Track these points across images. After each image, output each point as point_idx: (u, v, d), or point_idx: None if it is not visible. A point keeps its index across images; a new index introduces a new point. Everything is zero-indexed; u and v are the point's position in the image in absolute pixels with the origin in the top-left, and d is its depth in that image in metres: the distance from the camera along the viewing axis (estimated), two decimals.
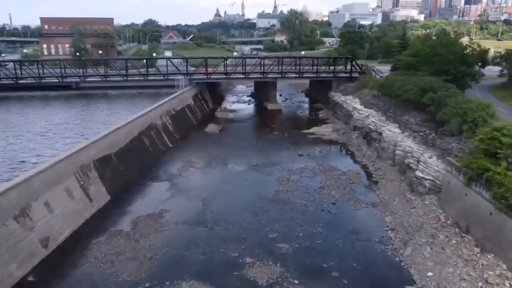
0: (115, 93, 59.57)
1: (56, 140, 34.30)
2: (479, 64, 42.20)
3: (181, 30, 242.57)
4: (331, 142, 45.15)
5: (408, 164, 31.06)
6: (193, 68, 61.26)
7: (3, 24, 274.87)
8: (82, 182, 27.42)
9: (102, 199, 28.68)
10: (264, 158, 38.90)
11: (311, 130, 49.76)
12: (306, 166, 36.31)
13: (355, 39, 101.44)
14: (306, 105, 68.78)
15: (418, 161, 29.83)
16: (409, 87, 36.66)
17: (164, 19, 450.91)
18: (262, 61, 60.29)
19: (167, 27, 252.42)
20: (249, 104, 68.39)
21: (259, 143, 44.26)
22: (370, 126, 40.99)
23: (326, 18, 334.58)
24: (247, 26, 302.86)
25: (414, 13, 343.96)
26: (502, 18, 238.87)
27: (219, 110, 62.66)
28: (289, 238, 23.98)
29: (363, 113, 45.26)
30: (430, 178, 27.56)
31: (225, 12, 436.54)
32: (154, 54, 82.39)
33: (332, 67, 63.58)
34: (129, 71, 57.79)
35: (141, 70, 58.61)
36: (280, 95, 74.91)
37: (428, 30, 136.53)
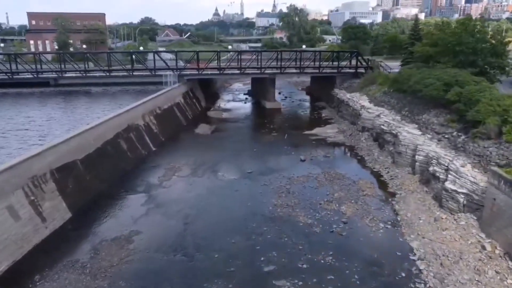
0: (98, 90, 54.06)
1: (11, 145, 28.82)
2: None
3: (178, 29, 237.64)
4: (337, 145, 39.76)
5: (434, 173, 25.67)
6: (184, 64, 55.92)
7: (0, 23, 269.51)
8: (32, 198, 22.00)
9: (59, 218, 23.25)
10: (261, 164, 33.54)
11: (313, 131, 44.38)
12: (309, 174, 30.96)
13: (358, 35, 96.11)
14: (307, 104, 63.43)
15: (446, 170, 24.45)
16: (430, 82, 31.35)
17: (164, 19, 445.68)
18: (260, 56, 54.91)
19: (166, 26, 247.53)
20: (245, 102, 63.01)
21: (255, 146, 38.86)
22: (382, 126, 35.60)
23: (325, 17, 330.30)
24: (246, 25, 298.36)
25: (414, 12, 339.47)
26: (504, 16, 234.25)
27: (212, 109, 57.21)
28: (290, 272, 18.60)
29: (373, 112, 39.89)
30: (465, 191, 22.17)
31: (224, 11, 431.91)
32: (141, 48, 76.90)
33: (335, 63, 58.18)
34: (114, 66, 52.58)
35: (126, 65, 53.26)
36: (279, 93, 69.76)
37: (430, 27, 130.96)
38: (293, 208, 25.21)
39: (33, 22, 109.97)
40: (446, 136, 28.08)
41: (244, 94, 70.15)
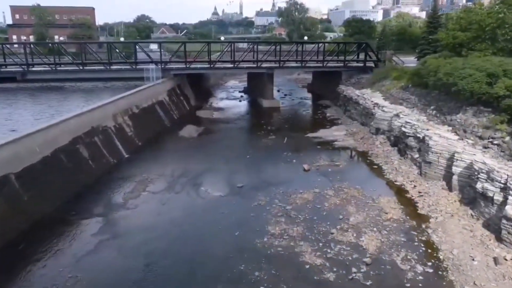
0: (71, 86, 47.54)
1: None
2: None
3: (175, 27, 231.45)
4: (347, 150, 33.26)
5: (483, 191, 19.15)
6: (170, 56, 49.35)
7: None
8: None
9: None
10: (254, 176, 27.10)
11: (317, 134, 37.88)
12: (315, 189, 24.48)
13: (362, 29, 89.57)
14: (309, 102, 56.91)
15: (504, 189, 17.98)
16: (468, 72, 24.83)
17: (163, 19, 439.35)
18: (256, 47, 48.38)
19: (163, 24, 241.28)
20: (240, 101, 56.47)
21: (248, 152, 32.31)
22: (403, 129, 29.10)
23: (325, 16, 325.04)
24: (245, 24, 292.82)
25: (415, 10, 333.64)
26: None
27: (202, 108, 50.61)
28: None
29: (390, 111, 33.43)
30: None
31: (223, 10, 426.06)
32: (122, 39, 70.21)
33: (340, 57, 51.73)
34: (91, 59, 46.16)
35: (104, 58, 46.74)
36: (278, 91, 63.32)
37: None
38: (295, 240, 18.72)
39: (17, 16, 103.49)
40: (495, 142, 21.61)
41: (240, 91, 63.69)
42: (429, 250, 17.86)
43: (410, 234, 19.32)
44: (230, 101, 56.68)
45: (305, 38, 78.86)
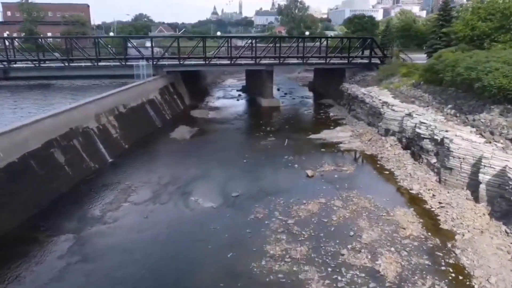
0: (61, 84, 44.40)
1: None
2: None
3: (174, 26, 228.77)
4: (354, 153, 30.29)
5: None
6: (162, 52, 46.30)
7: None
8: None
9: None
10: (251, 183, 24.12)
11: (320, 135, 34.89)
12: (320, 199, 21.52)
13: (365, 25, 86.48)
14: (311, 101, 53.92)
15: None
16: (494, 66, 21.85)
17: (162, 18, 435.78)
18: (254, 42, 45.36)
19: (161, 23, 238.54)
20: (238, 100, 53.45)
21: (245, 156, 29.27)
22: (418, 130, 26.10)
23: (325, 16, 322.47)
24: (245, 23, 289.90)
25: (415, 10, 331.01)
26: None
27: (198, 107, 47.58)
28: None
29: (401, 110, 30.46)
30: None
31: (222, 10, 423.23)
32: (112, 33, 67.05)
33: (343, 55, 48.75)
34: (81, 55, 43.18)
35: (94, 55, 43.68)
36: (278, 90, 60.41)
37: None
38: (299, 263, 15.74)
39: (8, 13, 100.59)
40: None
41: (237, 90, 60.69)
42: (460, 277, 14.87)
43: (435, 255, 16.33)
44: (227, 100, 53.65)
45: (307, 33, 75.38)
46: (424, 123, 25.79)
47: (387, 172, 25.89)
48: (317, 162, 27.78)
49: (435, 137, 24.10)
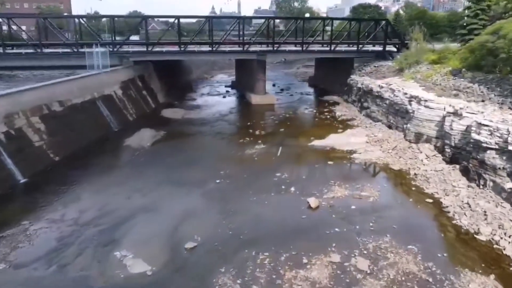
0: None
1: None
2: None
3: (169, 23, 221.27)
4: (374, 169, 21.44)
5: None
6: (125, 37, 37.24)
7: None
8: None
9: None
10: (221, 222, 15.29)
11: (326, 141, 26.12)
12: (332, 255, 12.81)
13: (372, 15, 77.74)
14: (312, 98, 45.00)
15: None
16: None
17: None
18: (242, 24, 36.42)
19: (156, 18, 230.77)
20: (224, 97, 44.55)
21: (220, 174, 20.35)
22: (476, 136, 17.25)
23: (324, 15, 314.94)
24: (243, 22, 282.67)
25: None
26: None
27: (174, 106, 38.65)
28: None
29: (439, 107, 21.64)
30: None
31: (221, 9, 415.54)
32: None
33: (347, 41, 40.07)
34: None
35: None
36: (274, 85, 51.74)
37: None
38: None
39: None
40: None
41: (226, 86, 51.86)
42: None
43: None
44: (212, 97, 44.73)
45: (307, 15, 65.95)
46: (486, 125, 16.94)
47: (429, 201, 17.06)
48: (323, 182, 19.01)
49: (511, 147, 15.28)
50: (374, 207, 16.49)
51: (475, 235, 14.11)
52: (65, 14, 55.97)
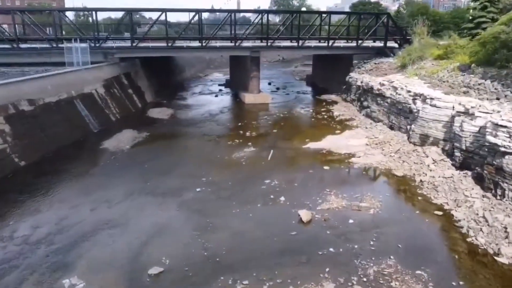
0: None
1: None
2: None
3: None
4: (375, 174, 19.22)
5: None
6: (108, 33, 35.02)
7: None
8: None
9: None
10: (196, 241, 13.06)
11: (322, 144, 23.93)
12: (324, 284, 10.50)
13: (370, 17, 75.36)
14: (309, 97, 42.68)
15: None
16: None
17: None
18: (233, 18, 34.15)
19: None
20: (216, 95, 42.29)
21: (202, 182, 18.12)
22: (491, 138, 15.01)
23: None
24: (242, 21, 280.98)
25: None
26: None
27: (162, 105, 36.41)
28: None
29: (447, 105, 19.42)
30: None
31: (221, 8, 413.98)
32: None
33: (346, 37, 37.86)
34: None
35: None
36: (270, 84, 49.51)
37: None
38: None
39: None
40: None
41: (220, 85, 49.63)
42: None
43: None
44: (204, 96, 42.47)
45: (304, 8, 63.63)
46: (504, 126, 14.71)
47: (439, 213, 14.83)
48: (317, 190, 16.80)
49: None
50: (375, 221, 14.27)
51: (495, 257, 11.91)
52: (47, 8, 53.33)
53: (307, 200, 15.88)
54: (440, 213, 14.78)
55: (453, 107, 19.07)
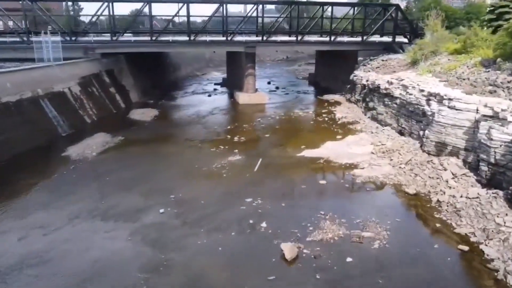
0: None
1: None
2: None
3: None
4: (381, 191, 15.81)
5: None
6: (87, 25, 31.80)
7: None
8: None
9: None
10: (143, 285, 9.75)
11: (320, 151, 20.63)
12: None
13: (377, 9, 71.78)
14: (311, 97, 39.25)
15: None
16: None
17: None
18: (225, 9, 30.82)
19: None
20: (210, 95, 38.99)
21: (169, 198, 14.88)
22: None
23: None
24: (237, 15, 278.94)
25: None
26: None
27: (148, 106, 33.23)
28: None
29: (469, 108, 15.96)
30: None
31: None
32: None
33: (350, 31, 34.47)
34: None
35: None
36: (269, 83, 46.22)
37: None
38: None
39: None
40: None
41: (216, 84, 46.40)
42: None
43: None
44: (197, 96, 39.23)
45: None
46: None
47: (464, 248, 11.44)
48: (309, 213, 13.50)
49: None
50: (381, 260, 10.92)
51: None
52: None
53: (295, 226, 12.59)
54: (466, 248, 11.39)
55: (477, 110, 15.65)
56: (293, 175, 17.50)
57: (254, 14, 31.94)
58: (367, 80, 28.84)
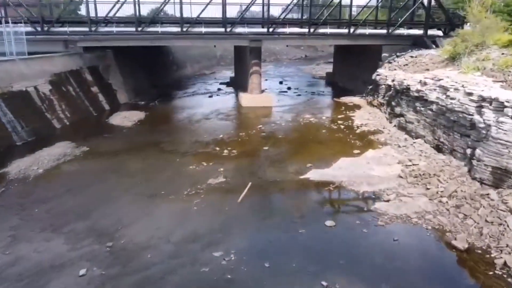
0: None
1: None
2: None
3: None
4: (415, 245, 10.78)
5: None
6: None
7: None
8: None
9: None
10: None
11: (329, 172, 15.72)
12: None
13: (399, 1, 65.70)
14: (326, 99, 34.06)
15: None
16: None
17: None
18: None
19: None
20: (211, 96, 34.41)
21: (104, 248, 10.34)
22: None
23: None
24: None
25: None
26: None
27: (137, 108, 28.94)
28: None
29: None
30: None
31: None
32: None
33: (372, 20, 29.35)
34: None
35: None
36: (281, 82, 41.58)
37: None
38: None
39: None
40: None
41: (221, 83, 41.89)
42: None
43: None
44: (197, 97, 34.68)
45: None
46: None
47: None
48: (305, 280, 8.63)
49: None
50: None
51: None
52: None
53: None
54: None
55: None
56: (290, 210, 12.68)
57: (260, 2, 27.12)
58: (393, 80, 23.72)
